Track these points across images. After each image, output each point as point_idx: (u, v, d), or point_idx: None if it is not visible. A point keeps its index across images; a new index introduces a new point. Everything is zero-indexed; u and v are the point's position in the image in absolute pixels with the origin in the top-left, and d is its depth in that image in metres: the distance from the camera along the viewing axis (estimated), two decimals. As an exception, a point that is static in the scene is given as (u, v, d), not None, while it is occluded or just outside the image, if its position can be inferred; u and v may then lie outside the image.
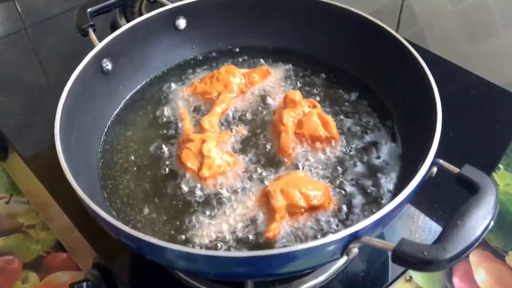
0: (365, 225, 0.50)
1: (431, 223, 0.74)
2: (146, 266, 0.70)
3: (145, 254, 0.56)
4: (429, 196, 0.75)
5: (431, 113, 0.62)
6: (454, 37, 1.06)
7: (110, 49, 0.75)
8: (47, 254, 0.89)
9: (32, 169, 0.83)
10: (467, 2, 1.00)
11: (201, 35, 0.86)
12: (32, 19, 1.18)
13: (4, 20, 1.19)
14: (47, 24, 1.16)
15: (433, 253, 0.47)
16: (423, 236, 0.73)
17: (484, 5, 0.98)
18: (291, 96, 0.71)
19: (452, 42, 1.06)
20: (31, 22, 1.17)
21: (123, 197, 0.68)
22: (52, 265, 0.88)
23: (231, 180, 0.67)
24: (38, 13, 1.20)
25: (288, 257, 0.50)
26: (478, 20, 1.00)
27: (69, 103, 0.66)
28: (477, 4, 0.99)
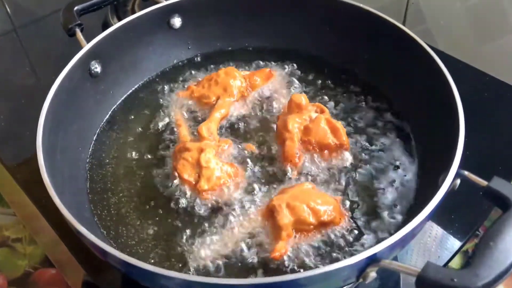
0: (384, 247, 0.47)
1: (448, 237, 0.70)
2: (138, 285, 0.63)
3: (136, 279, 0.53)
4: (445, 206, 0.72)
5: (451, 119, 0.59)
6: (463, 35, 1.04)
7: (99, 50, 0.73)
8: (34, 270, 0.85)
9: (17, 180, 0.81)
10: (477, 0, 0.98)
11: (198, 34, 0.85)
12: (21, 20, 1.17)
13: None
14: (37, 25, 1.15)
15: (465, 280, 0.43)
16: (439, 252, 0.69)
17: (496, 2, 0.95)
18: (296, 100, 0.69)
19: (461, 40, 1.04)
20: (21, 24, 1.16)
21: (113, 213, 0.67)
22: (40, 282, 0.83)
23: (232, 194, 0.65)
24: (27, 14, 1.19)
25: (298, 284, 0.47)
26: (489, 18, 0.98)
27: (53, 109, 0.64)
28: (488, 1, 0.97)
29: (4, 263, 0.86)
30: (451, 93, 0.61)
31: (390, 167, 0.68)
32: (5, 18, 1.18)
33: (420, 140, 0.70)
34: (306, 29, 0.84)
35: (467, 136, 0.72)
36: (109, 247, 0.49)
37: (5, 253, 0.87)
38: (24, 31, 1.14)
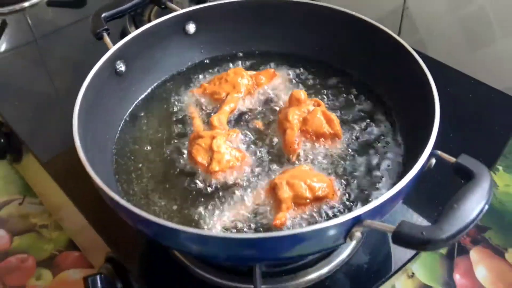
0: (367, 210, 0.52)
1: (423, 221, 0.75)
2: (156, 260, 0.72)
3: (160, 240, 0.58)
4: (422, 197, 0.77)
5: (429, 109, 0.65)
6: (453, 44, 1.08)
7: (124, 52, 0.77)
8: (59, 253, 0.92)
9: (49, 172, 0.84)
10: (466, 10, 1.03)
11: (209, 39, 0.88)
12: (42, 31, 1.21)
13: (15, 32, 1.22)
14: (55, 35, 1.19)
15: (431, 233, 0.49)
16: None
17: (483, 13, 1.00)
18: (296, 95, 0.74)
19: (451, 49, 1.09)
20: (41, 34, 1.20)
21: (137, 190, 0.70)
22: (65, 263, 0.90)
23: (239, 174, 0.69)
24: (47, 25, 1.22)
25: (295, 239, 0.52)
26: (477, 27, 1.03)
27: (85, 102, 0.68)
28: (476, 12, 1.01)
29: (32, 247, 0.93)
30: (430, 90, 0.66)
31: (378, 153, 0.73)
32: (27, 29, 1.22)
33: (405, 131, 0.74)
34: (306, 35, 0.86)
35: (452, 131, 0.79)
36: (140, 211, 0.53)
37: (33, 237, 0.94)
38: (43, 41, 1.17)
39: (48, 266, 0.89)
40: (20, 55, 1.14)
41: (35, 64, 1.11)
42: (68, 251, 0.92)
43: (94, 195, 0.70)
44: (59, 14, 1.28)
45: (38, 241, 0.94)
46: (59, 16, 1.26)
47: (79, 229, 0.87)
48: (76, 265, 0.90)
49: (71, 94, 0.87)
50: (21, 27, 1.23)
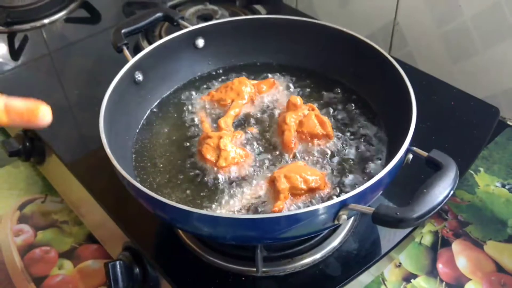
0: (352, 195, 0.59)
1: None
2: (170, 248, 0.76)
3: (176, 222, 0.65)
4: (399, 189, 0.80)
5: (408, 111, 0.71)
6: (439, 57, 1.12)
7: (141, 63, 0.82)
8: (79, 246, 0.95)
9: (72, 172, 0.88)
10: (450, 26, 1.08)
11: (216, 53, 0.93)
12: (56, 45, 1.24)
13: (32, 47, 1.26)
14: (70, 49, 1.22)
15: (404, 213, 0.55)
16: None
17: (465, 28, 1.04)
18: (293, 100, 0.78)
19: (437, 61, 1.13)
20: (55, 48, 1.22)
21: (154, 184, 0.75)
22: (84, 255, 0.93)
23: (243, 170, 0.74)
24: (61, 40, 1.25)
25: (291, 219, 0.57)
26: (460, 41, 1.07)
27: (109, 107, 0.73)
28: (459, 27, 1.06)
29: (54, 240, 0.95)
30: (409, 95, 0.72)
31: (365, 150, 0.77)
32: (42, 42, 1.25)
33: (389, 131, 0.79)
34: (303, 49, 0.91)
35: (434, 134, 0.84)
36: (160, 197, 0.59)
37: (55, 232, 0.97)
38: (57, 55, 1.19)
39: (69, 257, 0.91)
40: (37, 68, 1.18)
41: (51, 75, 1.14)
42: (87, 244, 0.95)
43: (113, 191, 0.79)
44: (73, 29, 1.33)
45: (59, 235, 0.96)
46: (73, 32, 1.31)
47: (99, 223, 0.89)
48: (95, 256, 0.93)
49: (86, 104, 0.96)
50: (37, 41, 1.28)
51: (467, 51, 1.06)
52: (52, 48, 1.22)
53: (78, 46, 1.22)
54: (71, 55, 1.19)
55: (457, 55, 1.09)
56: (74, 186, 0.88)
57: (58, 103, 1.03)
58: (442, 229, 0.89)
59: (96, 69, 1.12)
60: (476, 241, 0.90)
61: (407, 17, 1.14)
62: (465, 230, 0.92)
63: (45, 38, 1.26)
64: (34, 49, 1.22)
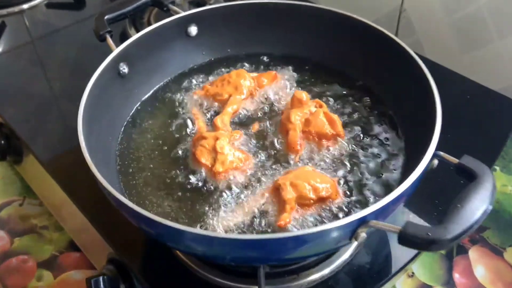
0: (372, 210, 0.53)
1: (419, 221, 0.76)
2: (159, 260, 0.72)
3: (165, 241, 0.59)
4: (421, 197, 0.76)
5: (431, 111, 0.65)
6: (449, 45, 1.09)
7: (127, 54, 0.78)
8: (60, 254, 0.91)
9: (50, 172, 0.85)
10: (462, 13, 1.04)
11: (211, 41, 0.89)
12: (39, 32, 1.21)
13: (13, 34, 1.22)
14: (53, 36, 1.19)
15: (436, 234, 0.49)
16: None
17: (479, 15, 1.01)
18: (298, 96, 0.74)
19: (447, 50, 1.10)
20: (38, 35, 1.20)
21: (141, 191, 0.70)
22: (66, 264, 0.90)
23: (243, 175, 0.70)
24: (44, 27, 1.22)
25: (301, 240, 0.52)
26: (472, 29, 1.03)
27: (89, 103, 0.68)
28: (472, 14, 1.02)
29: (33, 248, 0.92)
30: (431, 92, 0.67)
31: (380, 153, 0.73)
32: (24, 30, 1.22)
33: (406, 132, 0.75)
34: (307, 37, 0.86)
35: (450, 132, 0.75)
36: (146, 212, 0.54)
37: (33, 238, 0.93)
38: (40, 43, 1.17)
39: (49, 267, 0.89)
40: (18, 56, 1.14)
41: (33, 65, 1.12)
42: (69, 252, 0.91)
43: (95, 194, 0.71)
44: (57, 16, 1.28)
45: (38, 242, 0.93)
46: (57, 18, 1.27)
47: (80, 229, 0.87)
48: (77, 266, 0.89)
49: (70, 95, 0.91)
50: (19, 28, 1.24)
51: (481, 40, 1.03)
52: (35, 36, 1.20)
53: (62, 33, 1.20)
54: (55, 43, 1.17)
55: (468, 44, 1.05)
56: (53, 188, 0.85)
57: (39, 95, 1.01)
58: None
59: (81, 59, 1.09)
60: (495, 247, 0.86)
61: (414, 2, 1.10)
62: (482, 236, 0.88)
63: (27, 25, 1.23)
64: (15, 36, 1.21)
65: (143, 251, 0.75)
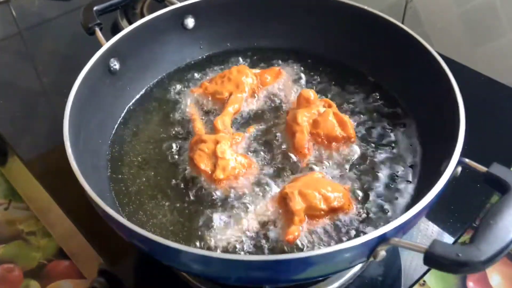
0: (394, 227, 0.50)
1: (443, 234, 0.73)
2: (153, 272, 0.69)
3: (159, 258, 0.55)
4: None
5: (452, 112, 0.62)
6: (458, 39, 1.06)
7: (118, 49, 0.75)
8: (48, 262, 0.88)
9: (33, 173, 0.82)
10: (472, 3, 1.01)
11: (209, 35, 0.87)
12: (27, 23, 1.18)
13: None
14: (41, 28, 1.16)
15: (468, 255, 0.46)
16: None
17: (491, 6, 0.98)
18: (305, 95, 0.72)
19: (455, 44, 1.07)
20: (26, 26, 1.17)
21: (134, 200, 0.68)
22: (54, 273, 0.87)
23: (246, 182, 0.67)
24: (32, 17, 1.20)
25: (312, 261, 0.49)
26: (484, 21, 1.01)
27: (77, 103, 0.66)
28: (483, 6, 0.99)
29: (19, 256, 0.88)
30: (452, 91, 0.64)
31: (394, 158, 0.70)
32: (11, 20, 1.19)
33: (423, 134, 0.72)
34: (313, 30, 0.85)
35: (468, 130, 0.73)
36: (138, 228, 0.50)
37: (20, 245, 0.90)
38: (29, 34, 1.15)
39: (36, 276, 0.86)
40: (3, 49, 1.11)
41: (20, 58, 1.09)
42: (58, 260, 0.88)
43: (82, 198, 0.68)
44: (46, 6, 1.24)
45: (25, 249, 0.90)
46: (46, 8, 1.23)
47: (68, 235, 0.83)
48: (66, 275, 0.86)
49: (59, 90, 0.86)
50: (5, 18, 1.20)
51: (492, 32, 1.00)
52: (22, 27, 1.17)
53: (51, 25, 1.17)
54: (43, 35, 1.14)
55: (479, 37, 1.02)
56: (38, 190, 0.82)
57: (26, 90, 0.99)
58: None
59: (71, 52, 1.06)
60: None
61: (422, -8, 1.08)
62: None
63: (14, 15, 1.20)
64: (1, 27, 1.18)
65: (137, 263, 0.72)
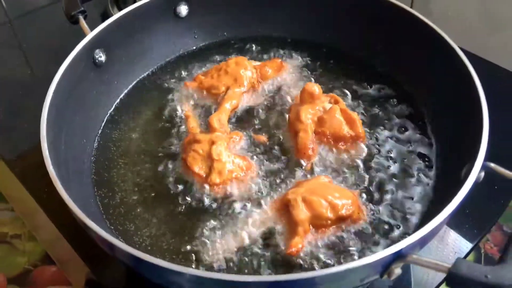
0: (411, 242, 0.46)
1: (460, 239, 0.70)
2: (144, 283, 0.63)
3: (147, 276, 0.52)
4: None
5: (473, 111, 0.59)
6: (471, 26, 1.04)
7: (104, 39, 0.73)
8: (34, 268, 0.84)
9: (16, 173, 0.80)
10: None
11: (204, 23, 0.85)
12: (17, 12, 1.16)
13: None
14: (32, 16, 1.14)
15: (499, 276, 0.42)
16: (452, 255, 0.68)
17: None
18: (309, 89, 0.69)
19: (468, 32, 1.04)
20: (16, 15, 1.15)
21: (121, 207, 0.66)
22: (40, 280, 0.83)
23: (244, 187, 0.65)
24: (23, 6, 1.18)
25: (321, 281, 0.46)
26: (499, 8, 0.98)
27: (57, 99, 0.64)
28: None
29: (3, 260, 0.86)
30: (474, 86, 0.60)
31: (408, 160, 0.67)
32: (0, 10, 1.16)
33: (439, 133, 0.70)
34: (318, 19, 0.84)
35: None
36: (118, 242, 0.48)
37: (4, 250, 0.87)
38: (19, 23, 1.12)
39: (21, 283, 0.82)
40: None
41: (8, 48, 1.07)
42: (44, 265, 0.84)
43: None
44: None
45: (10, 254, 0.86)
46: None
47: (54, 239, 0.80)
48: (53, 282, 0.82)
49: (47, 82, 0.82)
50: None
51: (508, 19, 0.98)
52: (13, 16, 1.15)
53: (40, 13, 1.14)
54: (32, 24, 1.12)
55: (494, 25, 1.00)
56: (22, 191, 0.80)
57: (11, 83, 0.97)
58: (484, 244, 0.78)
59: (59, 42, 1.01)
60: None
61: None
62: None
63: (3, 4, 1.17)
64: None
65: (125, 273, 0.68)
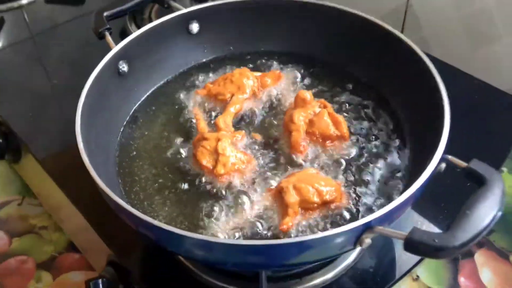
0: (377, 216, 0.52)
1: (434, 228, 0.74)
2: (159, 264, 0.71)
3: (164, 244, 0.57)
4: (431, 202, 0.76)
5: (438, 112, 0.64)
6: (457, 43, 1.06)
7: (126, 52, 0.76)
8: (59, 255, 0.90)
9: (47, 171, 0.84)
10: (469, 9, 1.01)
11: (213, 39, 0.87)
12: (38, 27, 1.20)
13: (11, 28, 1.21)
14: (52, 32, 1.18)
15: (444, 241, 0.48)
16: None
17: (488, 11, 0.99)
18: (302, 96, 0.72)
19: (455, 48, 1.07)
20: (38, 31, 1.19)
21: (140, 193, 0.69)
22: (65, 265, 0.89)
23: (245, 178, 0.68)
24: (44, 22, 1.21)
25: (303, 246, 0.51)
26: (481, 26, 1.01)
27: (88, 102, 0.67)
28: (480, 10, 1.00)
29: (32, 248, 0.90)
30: (439, 93, 0.65)
31: (385, 156, 0.72)
32: (23, 25, 1.21)
33: (412, 134, 0.73)
34: (312, 35, 0.85)
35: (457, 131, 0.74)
36: (146, 216, 0.52)
37: (33, 239, 0.92)
38: (40, 38, 1.16)
39: (48, 268, 0.87)
40: (17, 53, 1.13)
41: (32, 61, 1.10)
42: (69, 252, 0.90)
43: (94, 194, 0.70)
44: (57, 11, 1.27)
45: (37, 242, 0.92)
46: (57, 14, 1.26)
47: (79, 230, 0.85)
48: (76, 267, 0.88)
49: (70, 92, 0.87)
50: (18, 24, 1.22)
51: (489, 37, 1.01)
52: (35, 31, 1.18)
53: (62, 29, 1.18)
54: (55, 39, 1.15)
55: (477, 41, 1.03)
56: (50, 187, 0.83)
57: (38, 92, 1.01)
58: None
59: (81, 55, 1.07)
60: (501, 251, 0.83)
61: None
62: (488, 239, 0.85)
63: (27, 20, 1.22)
64: (14, 32, 1.20)
65: (143, 254, 0.74)
